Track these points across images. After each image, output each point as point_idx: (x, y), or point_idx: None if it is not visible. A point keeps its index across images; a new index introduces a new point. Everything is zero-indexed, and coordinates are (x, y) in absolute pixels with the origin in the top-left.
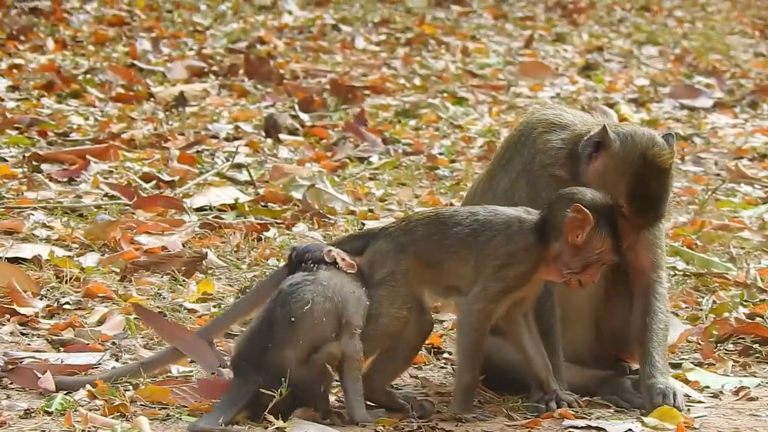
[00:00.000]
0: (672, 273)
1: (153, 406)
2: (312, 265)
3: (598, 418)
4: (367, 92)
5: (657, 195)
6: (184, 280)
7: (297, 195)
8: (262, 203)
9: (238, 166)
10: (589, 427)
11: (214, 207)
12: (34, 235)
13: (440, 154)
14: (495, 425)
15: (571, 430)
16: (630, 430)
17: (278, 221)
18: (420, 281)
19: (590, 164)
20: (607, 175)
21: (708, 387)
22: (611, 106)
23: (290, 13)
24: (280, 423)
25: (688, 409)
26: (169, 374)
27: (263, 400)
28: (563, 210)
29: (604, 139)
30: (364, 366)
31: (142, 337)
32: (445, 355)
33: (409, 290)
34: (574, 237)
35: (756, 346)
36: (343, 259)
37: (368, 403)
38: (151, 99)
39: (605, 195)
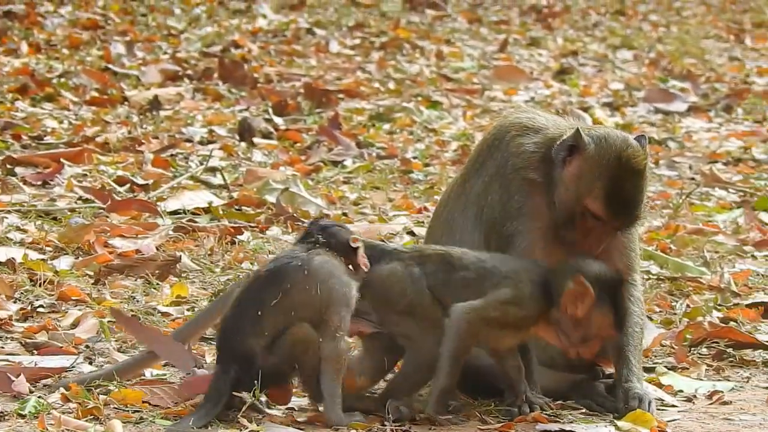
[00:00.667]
0: (646, 277)
1: (126, 409)
2: (318, 244)
3: (571, 422)
4: (341, 96)
5: (632, 197)
6: (157, 284)
7: (271, 198)
8: (236, 207)
9: (212, 170)
10: (562, 430)
11: (188, 210)
12: (7, 238)
13: (414, 157)
14: (468, 429)
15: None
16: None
17: (252, 225)
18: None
19: (564, 168)
20: (582, 178)
21: (681, 391)
22: (586, 110)
23: (264, 16)
24: (253, 426)
25: (660, 414)
26: (142, 377)
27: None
28: (566, 279)
29: (578, 142)
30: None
31: (116, 340)
32: None
33: (435, 316)
34: (573, 309)
35: (729, 350)
36: (363, 255)
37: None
38: (126, 103)
39: (611, 269)
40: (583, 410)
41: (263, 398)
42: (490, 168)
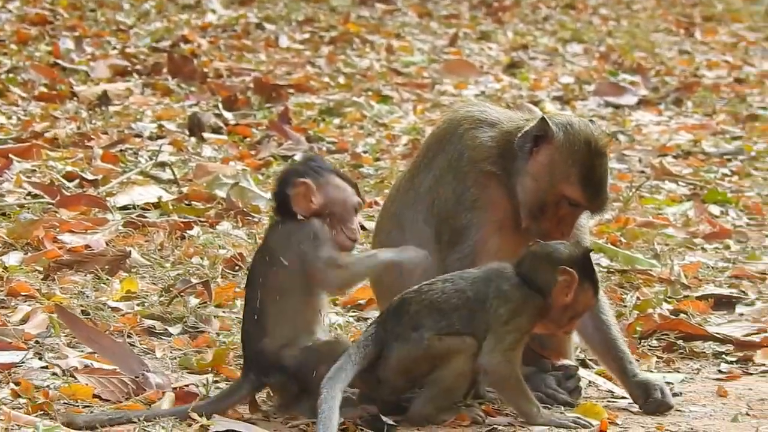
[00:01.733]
0: (596, 270)
1: (76, 404)
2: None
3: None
4: (291, 91)
5: (604, 179)
6: (107, 279)
7: (221, 193)
8: (186, 202)
9: (162, 165)
10: (511, 424)
11: (138, 205)
12: None
13: (365, 152)
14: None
15: (495, 427)
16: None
17: (202, 219)
18: None
19: (531, 158)
20: (555, 166)
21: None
22: (536, 103)
23: (214, 11)
24: (203, 420)
25: (610, 405)
26: (87, 365)
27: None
28: (548, 273)
29: (546, 132)
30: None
31: (66, 336)
32: None
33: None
34: (565, 298)
35: (680, 342)
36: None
37: None
38: (75, 98)
39: (574, 245)
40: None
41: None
42: (441, 162)
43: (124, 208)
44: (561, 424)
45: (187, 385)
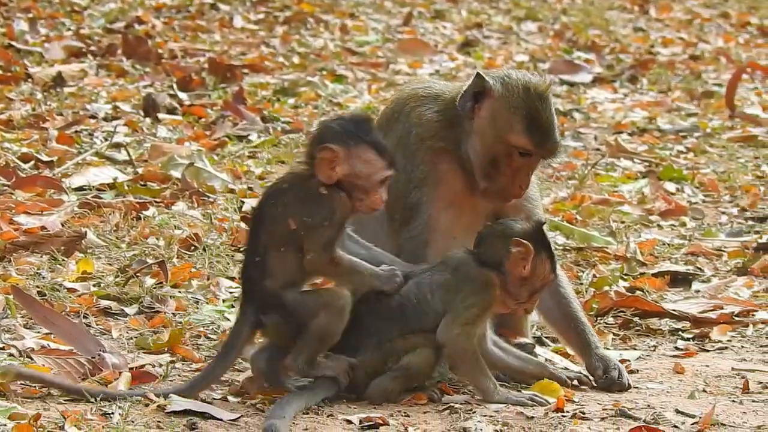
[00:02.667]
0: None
1: (33, 384)
2: None
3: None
4: (245, 71)
5: (550, 122)
6: (63, 260)
7: (176, 174)
8: (141, 182)
9: (117, 146)
10: (468, 402)
11: (93, 186)
12: None
13: None
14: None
15: (454, 404)
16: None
17: (157, 200)
18: None
19: (476, 117)
20: (498, 118)
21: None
22: None
23: None
24: (161, 401)
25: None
26: (44, 346)
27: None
28: (502, 247)
29: (485, 86)
30: None
31: (22, 317)
32: None
33: None
34: (521, 270)
35: (636, 319)
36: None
37: None
38: (29, 80)
39: (526, 219)
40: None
41: None
42: (390, 140)
43: (80, 189)
44: (518, 401)
45: (143, 366)
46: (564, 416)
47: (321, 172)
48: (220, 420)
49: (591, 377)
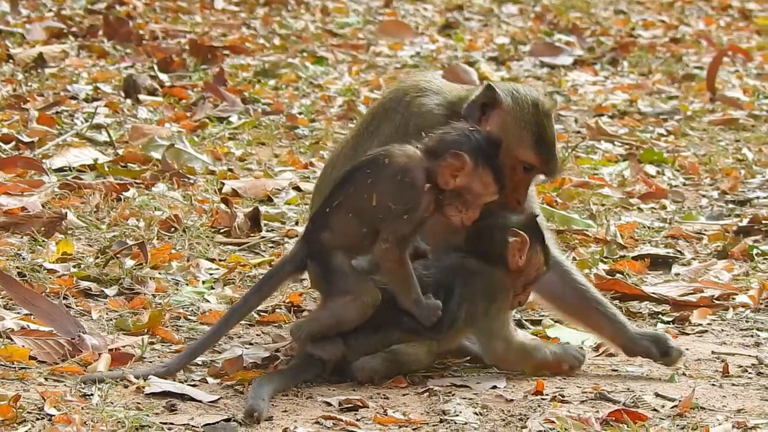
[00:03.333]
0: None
1: (12, 366)
2: None
3: (460, 376)
4: (226, 52)
5: (554, 140)
6: (43, 241)
7: (156, 155)
8: (122, 163)
9: (98, 127)
10: (453, 385)
11: (74, 168)
12: None
13: (300, 113)
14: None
15: (433, 387)
16: (495, 386)
17: (137, 181)
18: None
19: (482, 125)
20: (507, 131)
21: (568, 343)
22: (471, 64)
23: None
24: (140, 382)
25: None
26: (24, 327)
27: None
28: (501, 237)
29: (495, 98)
30: None
31: (2, 298)
32: (305, 313)
33: None
34: (517, 261)
35: (616, 302)
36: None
37: None
38: (10, 60)
39: (520, 212)
40: (470, 362)
41: None
42: (386, 129)
43: (60, 170)
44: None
45: (122, 347)
46: (543, 399)
47: (442, 175)
48: (200, 402)
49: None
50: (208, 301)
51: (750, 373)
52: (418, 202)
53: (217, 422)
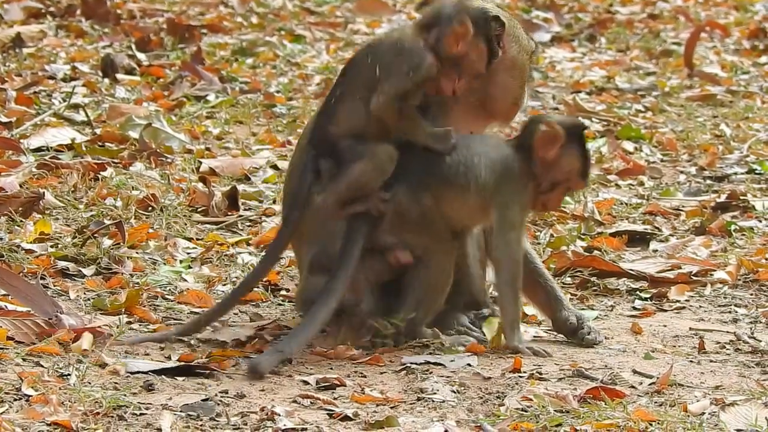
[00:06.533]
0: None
1: None
2: None
3: (434, 353)
4: (204, 31)
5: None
6: (21, 221)
7: (134, 134)
8: (100, 143)
9: (76, 107)
10: (427, 362)
11: (52, 147)
12: None
13: (277, 92)
14: (339, 362)
15: (410, 365)
16: (468, 364)
17: (115, 161)
18: None
19: (504, 53)
20: (520, 42)
21: (545, 320)
22: None
23: None
24: (117, 365)
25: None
26: (0, 308)
27: None
28: (534, 128)
29: (502, 25)
30: None
31: None
32: (282, 292)
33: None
34: (545, 151)
35: (593, 279)
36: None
37: None
38: None
39: (573, 118)
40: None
41: None
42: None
43: (38, 150)
44: (532, 351)
45: (100, 327)
46: (521, 376)
47: (447, 42)
48: (178, 381)
49: (560, 333)
50: (185, 280)
51: (728, 349)
52: (421, 59)
53: (195, 402)
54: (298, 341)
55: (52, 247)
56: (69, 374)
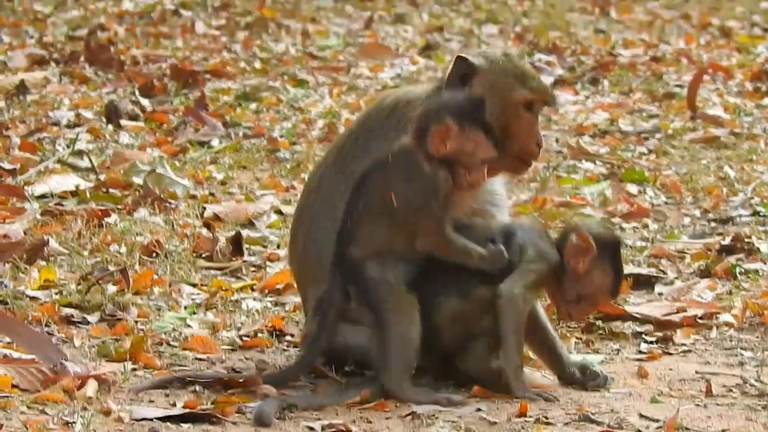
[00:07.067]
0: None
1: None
2: None
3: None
4: (207, 76)
5: (537, 73)
6: (25, 268)
7: (138, 180)
8: (104, 189)
9: (80, 153)
10: (436, 408)
11: (56, 194)
12: None
13: (281, 136)
14: (340, 407)
15: (416, 410)
16: (479, 409)
17: (119, 207)
18: None
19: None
20: (495, 87)
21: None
22: None
23: None
24: (123, 413)
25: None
26: (8, 357)
27: None
28: (569, 233)
29: (470, 65)
30: None
31: None
32: (288, 338)
33: None
34: (576, 263)
35: (599, 322)
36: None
37: None
38: None
39: (607, 227)
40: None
41: None
42: (375, 148)
43: (42, 196)
44: (528, 396)
45: (104, 373)
46: (527, 421)
47: (432, 144)
48: (181, 426)
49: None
50: (190, 326)
51: (734, 392)
52: (434, 182)
53: None
54: (306, 394)
55: (56, 294)
56: (74, 422)
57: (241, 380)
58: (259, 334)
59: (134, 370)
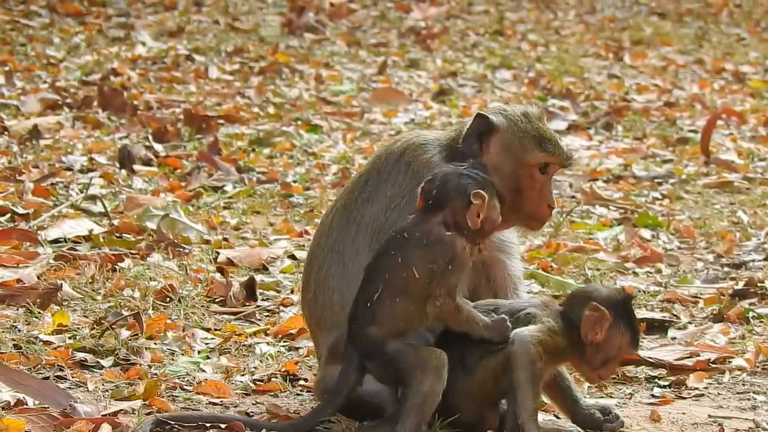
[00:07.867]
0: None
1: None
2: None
3: None
4: (221, 121)
5: (554, 134)
6: (39, 312)
7: (151, 225)
8: (117, 234)
9: (93, 198)
10: None
11: (69, 239)
12: None
13: (294, 181)
14: None
15: None
16: None
17: (133, 252)
18: None
19: (485, 154)
20: (511, 147)
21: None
22: None
23: (144, 44)
24: None
25: None
26: (24, 405)
27: None
28: (582, 307)
29: (490, 124)
30: None
31: None
32: (301, 382)
33: None
34: (593, 335)
35: None
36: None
37: None
38: (5, 132)
39: (616, 289)
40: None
41: None
42: (387, 192)
43: (56, 241)
44: None
45: (116, 413)
46: None
47: (472, 220)
48: None
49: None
50: (203, 371)
51: None
52: (454, 250)
53: None
54: None
55: (70, 338)
56: None
57: (223, 425)
58: (273, 379)
59: (148, 414)
